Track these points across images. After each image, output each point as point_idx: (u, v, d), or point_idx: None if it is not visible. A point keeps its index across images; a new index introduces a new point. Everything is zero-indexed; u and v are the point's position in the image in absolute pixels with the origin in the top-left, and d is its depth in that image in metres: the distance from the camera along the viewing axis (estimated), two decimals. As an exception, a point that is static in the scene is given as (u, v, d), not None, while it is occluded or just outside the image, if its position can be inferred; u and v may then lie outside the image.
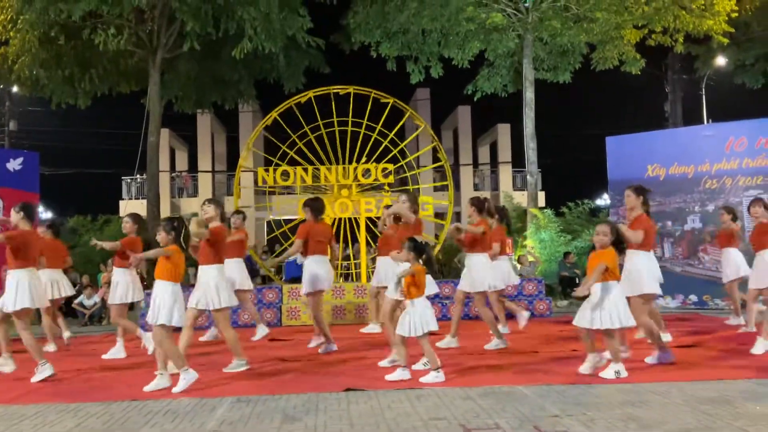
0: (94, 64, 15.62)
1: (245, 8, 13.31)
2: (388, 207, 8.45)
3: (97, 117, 26.43)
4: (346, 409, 4.71)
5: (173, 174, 27.30)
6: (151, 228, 13.61)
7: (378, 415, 4.55)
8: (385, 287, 8.06)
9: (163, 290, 5.55)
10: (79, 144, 31.55)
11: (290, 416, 4.56)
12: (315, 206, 7.63)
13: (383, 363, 6.29)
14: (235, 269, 8.14)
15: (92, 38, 13.82)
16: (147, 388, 5.48)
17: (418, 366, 6.02)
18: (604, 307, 5.53)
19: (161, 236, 5.66)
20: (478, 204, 7.48)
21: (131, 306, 7.96)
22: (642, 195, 6.54)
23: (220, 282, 6.22)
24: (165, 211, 23.71)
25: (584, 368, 5.71)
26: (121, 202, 24.60)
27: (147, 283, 9.49)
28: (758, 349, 6.50)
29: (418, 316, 5.59)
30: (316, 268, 7.45)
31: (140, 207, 20.39)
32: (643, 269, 6.30)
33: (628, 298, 5.86)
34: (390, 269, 7.72)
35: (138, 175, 23.23)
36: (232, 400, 5.11)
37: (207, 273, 6.21)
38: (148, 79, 15.44)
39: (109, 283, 13.05)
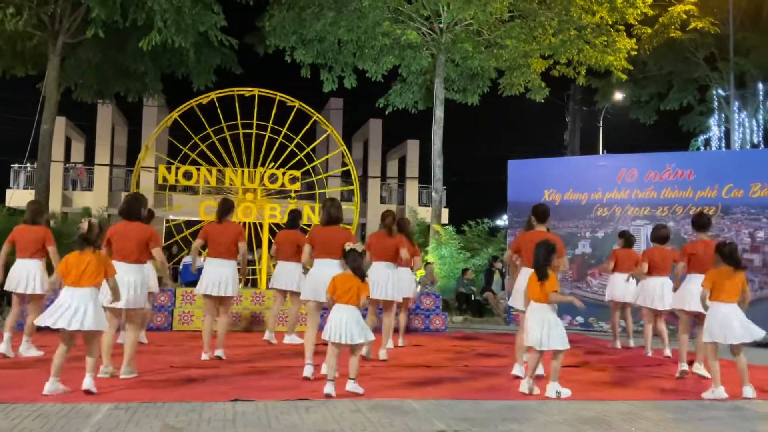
0: (-12, 44, 14.64)
1: (156, -1, 12.86)
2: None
3: (-14, 99, 24.79)
4: (232, 420, 4.57)
5: (67, 165, 25.97)
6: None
7: (265, 426, 4.45)
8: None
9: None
10: (-35, 126, 29.48)
11: (170, 425, 4.38)
12: (219, 206, 7.40)
13: None
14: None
15: (-13, 16, 12.95)
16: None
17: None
18: None
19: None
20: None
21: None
22: (532, 215, 6.79)
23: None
24: (55, 204, 22.52)
25: None
26: (7, 191, 23.13)
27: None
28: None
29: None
30: (208, 270, 7.24)
31: (28, 197, 19.23)
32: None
33: None
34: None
35: (28, 164, 21.92)
36: (109, 406, 4.86)
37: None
38: (47, 64, 14.61)
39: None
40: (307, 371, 6.09)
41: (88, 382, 5.18)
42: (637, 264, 8.39)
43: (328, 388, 5.36)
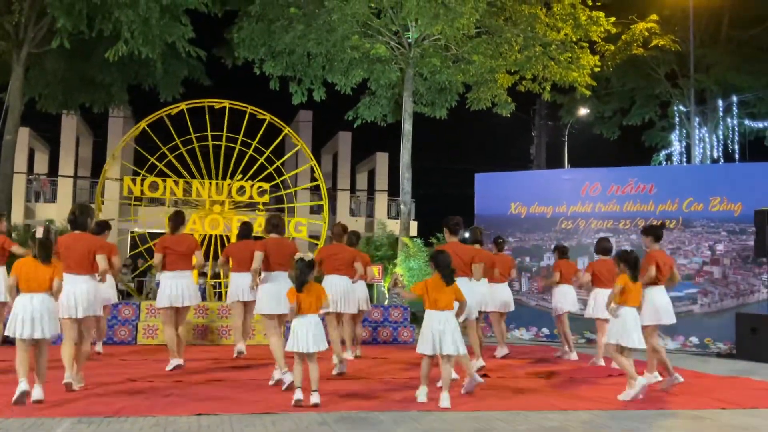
0: (-51, 53, 14.42)
1: (123, 10, 12.75)
2: None
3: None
4: (197, 433, 4.55)
5: (30, 176, 25.51)
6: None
7: (229, 439, 4.43)
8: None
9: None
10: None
11: (135, 439, 4.34)
12: (172, 219, 7.51)
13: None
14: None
15: (-51, 25, 12.76)
16: None
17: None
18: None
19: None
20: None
21: None
22: (444, 227, 7.14)
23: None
24: (17, 216, 22.07)
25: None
26: (-33, 203, 22.60)
27: None
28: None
29: None
30: (165, 283, 7.30)
31: (-11, 209, 18.84)
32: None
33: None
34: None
35: (-10, 175, 21.45)
36: (72, 420, 4.79)
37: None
38: (10, 74, 14.40)
39: None
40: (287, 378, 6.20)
41: (38, 392, 5.26)
42: (576, 274, 9.20)
43: (298, 395, 5.44)
